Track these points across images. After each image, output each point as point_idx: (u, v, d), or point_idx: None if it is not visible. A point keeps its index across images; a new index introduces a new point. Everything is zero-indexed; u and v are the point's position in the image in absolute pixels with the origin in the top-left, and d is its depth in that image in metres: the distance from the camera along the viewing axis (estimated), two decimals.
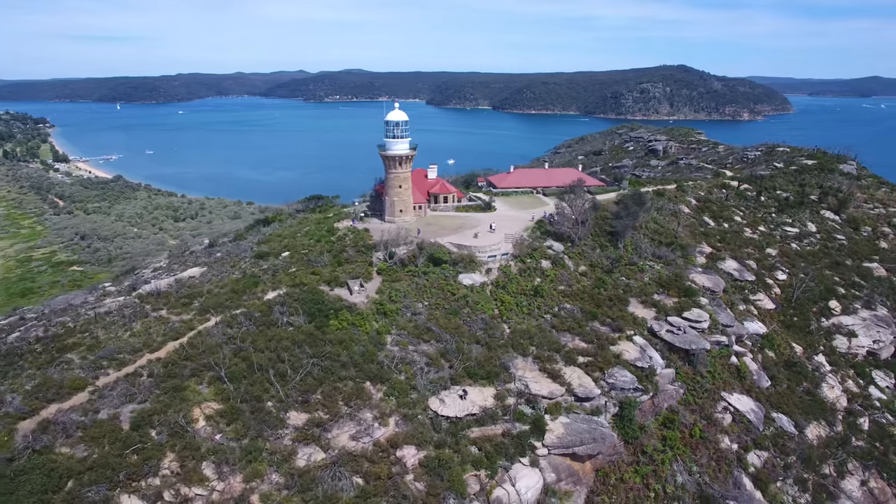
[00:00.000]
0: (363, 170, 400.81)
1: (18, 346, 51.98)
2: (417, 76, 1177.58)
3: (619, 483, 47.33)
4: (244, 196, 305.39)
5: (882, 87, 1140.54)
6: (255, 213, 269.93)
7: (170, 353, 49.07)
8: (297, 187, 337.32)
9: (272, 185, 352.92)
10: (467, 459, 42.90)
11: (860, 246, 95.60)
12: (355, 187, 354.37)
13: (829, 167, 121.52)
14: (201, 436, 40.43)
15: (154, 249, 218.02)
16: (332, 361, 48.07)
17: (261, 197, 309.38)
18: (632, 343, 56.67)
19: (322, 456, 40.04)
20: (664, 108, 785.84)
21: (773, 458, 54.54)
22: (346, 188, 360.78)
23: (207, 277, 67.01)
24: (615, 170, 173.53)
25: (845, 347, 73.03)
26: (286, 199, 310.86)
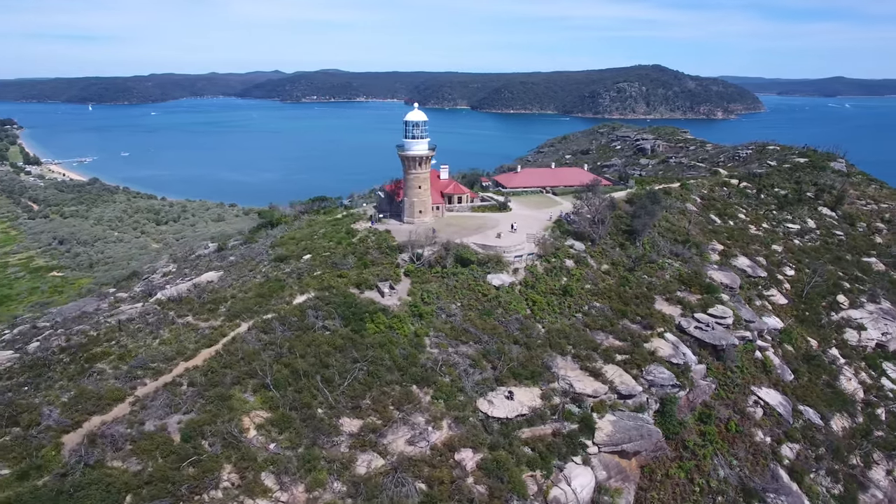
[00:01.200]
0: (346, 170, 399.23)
1: (43, 357, 50.21)
2: (395, 76, 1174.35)
3: (665, 479, 47.82)
4: (226, 198, 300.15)
5: (846, 88, 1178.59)
6: (240, 215, 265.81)
7: (207, 361, 47.84)
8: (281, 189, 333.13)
9: (255, 187, 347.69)
10: (522, 460, 42.83)
11: (858, 241, 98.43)
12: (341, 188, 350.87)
13: (820, 165, 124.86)
14: (255, 445, 39.49)
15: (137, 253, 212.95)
16: (377, 366, 47.47)
17: (244, 199, 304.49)
18: (664, 340, 57.33)
19: (381, 462, 39.47)
20: (641, 108, 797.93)
21: (805, 451, 55.78)
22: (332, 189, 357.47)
23: (227, 282, 65.62)
24: (604, 168, 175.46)
25: (856, 340, 75.04)
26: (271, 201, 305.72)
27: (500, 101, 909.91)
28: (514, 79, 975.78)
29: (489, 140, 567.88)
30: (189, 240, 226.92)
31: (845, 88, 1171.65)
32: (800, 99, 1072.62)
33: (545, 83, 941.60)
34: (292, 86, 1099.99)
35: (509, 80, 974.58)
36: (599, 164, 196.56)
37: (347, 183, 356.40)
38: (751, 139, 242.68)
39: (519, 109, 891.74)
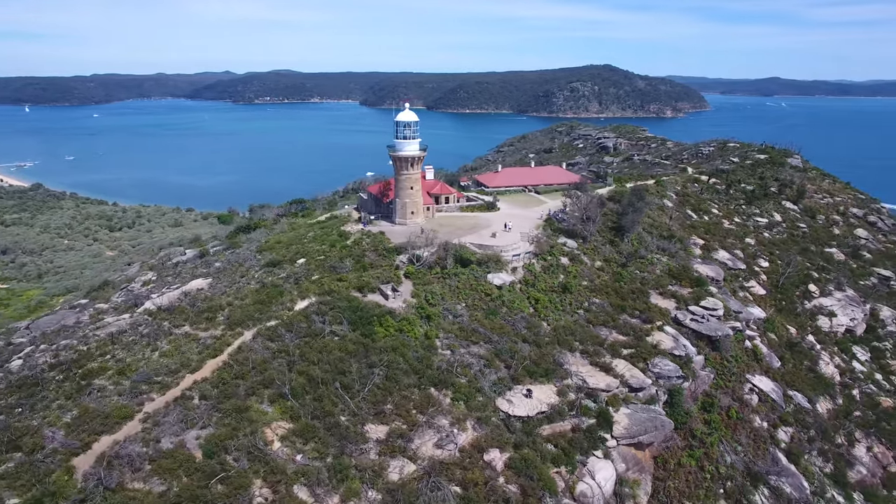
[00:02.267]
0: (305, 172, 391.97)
1: (32, 375, 47.22)
2: (349, 76, 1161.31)
3: (678, 467, 49.21)
4: (182, 202, 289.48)
5: (781, 88, 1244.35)
6: (198, 219, 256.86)
7: (216, 373, 46.09)
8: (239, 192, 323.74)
9: (212, 190, 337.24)
10: (547, 457, 43.18)
11: (819, 233, 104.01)
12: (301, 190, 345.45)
13: (778, 161, 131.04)
14: (281, 458, 38.29)
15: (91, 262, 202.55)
16: (394, 370, 46.86)
17: (201, 203, 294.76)
18: (664, 333, 58.96)
19: (413, 468, 38.99)
20: (594, 107, 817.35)
21: (798, 433, 58.55)
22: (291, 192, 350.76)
23: (219, 289, 63.39)
24: (569, 167, 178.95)
25: (828, 326, 79.29)
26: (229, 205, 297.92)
27: (456, 101, 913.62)
28: (470, 79, 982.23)
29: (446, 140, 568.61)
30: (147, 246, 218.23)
31: (780, 88, 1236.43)
32: (741, 98, 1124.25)
33: (500, 83, 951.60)
34: (244, 87, 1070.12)
35: (464, 80, 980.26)
36: (564, 163, 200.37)
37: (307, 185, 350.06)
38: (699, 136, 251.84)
39: (475, 109, 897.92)
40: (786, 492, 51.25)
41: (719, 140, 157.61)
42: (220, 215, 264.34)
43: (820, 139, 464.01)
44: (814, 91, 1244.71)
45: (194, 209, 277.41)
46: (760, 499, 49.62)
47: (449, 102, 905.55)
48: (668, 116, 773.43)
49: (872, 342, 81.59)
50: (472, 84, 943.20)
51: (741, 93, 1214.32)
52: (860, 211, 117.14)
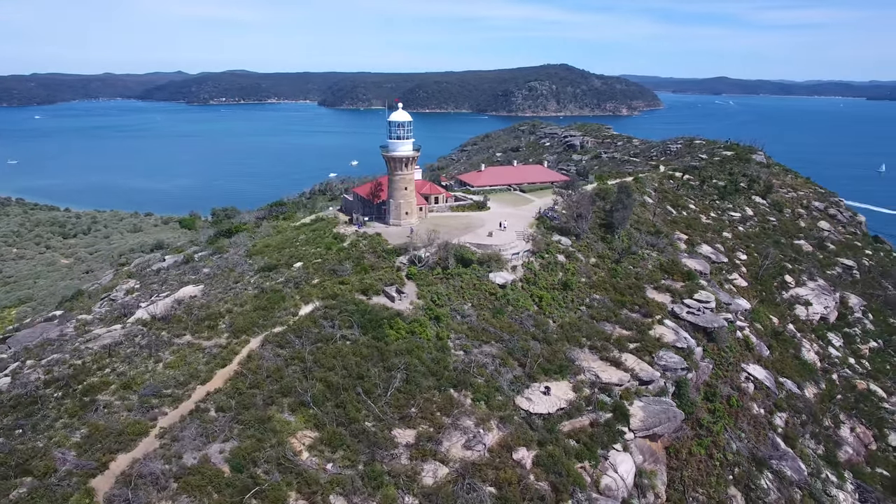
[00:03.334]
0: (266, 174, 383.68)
1: (26, 394, 44.55)
2: (306, 77, 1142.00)
3: (689, 456, 50.60)
4: (140, 207, 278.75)
5: (728, 87, 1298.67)
6: (158, 224, 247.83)
7: (229, 383, 44.56)
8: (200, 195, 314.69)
9: (171, 195, 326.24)
10: (570, 453, 43.63)
11: (787, 226, 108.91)
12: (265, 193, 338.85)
13: (744, 157, 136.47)
14: (312, 468, 37.33)
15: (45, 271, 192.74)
16: (413, 372, 46.39)
17: (159, 207, 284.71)
18: (664, 326, 60.49)
19: (445, 470, 38.69)
20: (552, 105, 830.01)
21: (791, 418, 61.10)
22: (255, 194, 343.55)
23: (214, 296, 61.34)
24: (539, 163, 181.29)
25: (805, 315, 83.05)
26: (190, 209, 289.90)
27: (416, 101, 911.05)
28: (429, 78, 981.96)
29: None
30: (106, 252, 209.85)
31: (728, 87, 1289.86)
32: (692, 96, 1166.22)
33: (459, 82, 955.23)
34: (198, 87, 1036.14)
35: (423, 80, 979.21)
36: (532, 161, 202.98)
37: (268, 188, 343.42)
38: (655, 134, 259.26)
39: (434, 109, 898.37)
40: (787, 475, 53.47)
41: (686, 137, 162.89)
42: (181, 219, 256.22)
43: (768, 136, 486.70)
44: (758, 90, 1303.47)
45: (153, 213, 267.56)
46: (766, 483, 51.59)
47: (408, 102, 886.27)
48: (624, 114, 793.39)
49: (844, 328, 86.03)
50: (431, 84, 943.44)
51: (692, 91, 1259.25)
52: (821, 204, 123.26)
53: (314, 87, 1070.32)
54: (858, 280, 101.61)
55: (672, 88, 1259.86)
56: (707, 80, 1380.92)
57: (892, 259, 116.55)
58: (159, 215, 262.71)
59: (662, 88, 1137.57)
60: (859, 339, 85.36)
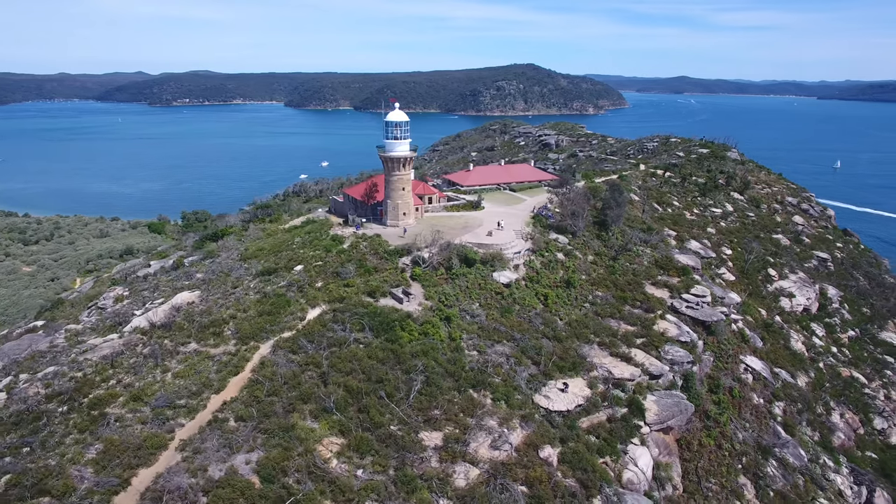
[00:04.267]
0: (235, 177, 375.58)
1: (27, 409, 42.53)
2: (272, 77, 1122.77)
3: (700, 448, 51.69)
4: (104, 211, 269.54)
5: (690, 86, 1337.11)
6: (126, 229, 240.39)
7: (246, 391, 43.39)
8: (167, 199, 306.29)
9: (136, 198, 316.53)
10: (592, 449, 44.05)
11: (765, 221, 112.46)
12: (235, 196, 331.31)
13: (720, 154, 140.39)
14: (343, 475, 36.64)
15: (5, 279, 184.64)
16: (432, 374, 46.04)
17: (125, 211, 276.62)
18: (666, 321, 61.64)
19: (476, 472, 38.52)
20: (519, 105, 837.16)
21: (788, 407, 63.09)
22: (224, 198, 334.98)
23: (213, 301, 59.64)
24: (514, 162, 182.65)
25: (789, 307, 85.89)
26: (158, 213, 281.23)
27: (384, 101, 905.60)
28: (396, 78, 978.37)
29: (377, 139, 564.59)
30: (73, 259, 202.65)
31: (689, 87, 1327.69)
32: (655, 95, 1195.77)
33: (427, 82, 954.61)
34: (161, 88, 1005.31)
35: (391, 79, 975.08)
36: (508, 160, 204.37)
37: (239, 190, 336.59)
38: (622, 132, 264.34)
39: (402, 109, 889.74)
40: (790, 462, 55.20)
41: (661, 136, 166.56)
42: (149, 223, 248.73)
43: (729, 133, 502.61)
44: (717, 89, 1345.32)
45: (120, 218, 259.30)
46: (772, 470, 53.14)
47: (376, 103, 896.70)
48: (591, 113, 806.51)
49: (825, 319, 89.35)
50: (399, 84, 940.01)
51: (655, 90, 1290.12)
52: (794, 199, 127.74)
53: (280, 87, 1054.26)
54: (833, 272, 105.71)
55: (636, 88, 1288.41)
56: (669, 80, 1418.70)
57: (861, 251, 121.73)
58: (126, 220, 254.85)
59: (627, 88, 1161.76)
60: (839, 328, 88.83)
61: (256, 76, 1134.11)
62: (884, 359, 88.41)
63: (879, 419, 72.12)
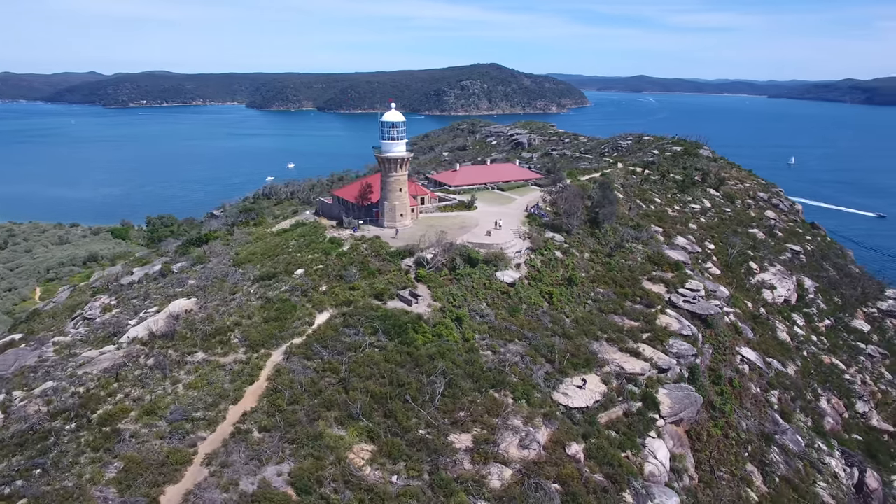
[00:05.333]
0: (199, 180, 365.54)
1: (31, 428, 40.36)
2: (233, 78, 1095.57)
3: (709, 438, 53.03)
4: (63, 217, 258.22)
5: (649, 85, 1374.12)
6: (87, 235, 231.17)
7: (265, 401, 42.21)
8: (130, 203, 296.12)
9: (96, 203, 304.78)
10: (614, 444, 44.64)
11: (741, 216, 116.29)
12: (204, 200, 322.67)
13: (693, 152, 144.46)
14: (378, 482, 36.04)
15: None
16: (452, 376, 45.77)
17: (84, 217, 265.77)
18: (668, 316, 63.02)
19: (509, 472, 38.50)
20: (484, 104, 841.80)
21: (783, 395, 65.38)
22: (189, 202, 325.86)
23: (213, 308, 57.88)
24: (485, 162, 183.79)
25: (771, 298, 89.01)
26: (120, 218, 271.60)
27: (348, 102, 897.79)
28: (360, 79, 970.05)
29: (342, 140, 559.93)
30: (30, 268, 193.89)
31: (648, 85, 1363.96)
32: (616, 94, 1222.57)
33: (391, 82, 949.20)
34: (116, 89, 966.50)
35: (354, 80, 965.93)
36: (480, 159, 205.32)
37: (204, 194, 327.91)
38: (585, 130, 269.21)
39: (367, 109, 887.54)
40: (790, 448, 57.24)
41: (635, 134, 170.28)
42: (112, 229, 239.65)
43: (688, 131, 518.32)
44: (675, 88, 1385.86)
45: (80, 224, 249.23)
46: (775, 457, 55.00)
47: (340, 103, 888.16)
48: (554, 112, 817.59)
49: (803, 309, 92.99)
50: (363, 84, 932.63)
51: (615, 89, 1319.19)
52: (765, 194, 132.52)
53: (241, 88, 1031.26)
54: (805, 264, 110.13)
55: (597, 86, 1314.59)
56: (629, 79, 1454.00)
57: (828, 243, 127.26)
58: (87, 225, 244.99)
59: (588, 86, 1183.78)
60: (816, 317, 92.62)
61: (216, 77, 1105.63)
62: (856, 345, 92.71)
63: (861, 403, 75.53)
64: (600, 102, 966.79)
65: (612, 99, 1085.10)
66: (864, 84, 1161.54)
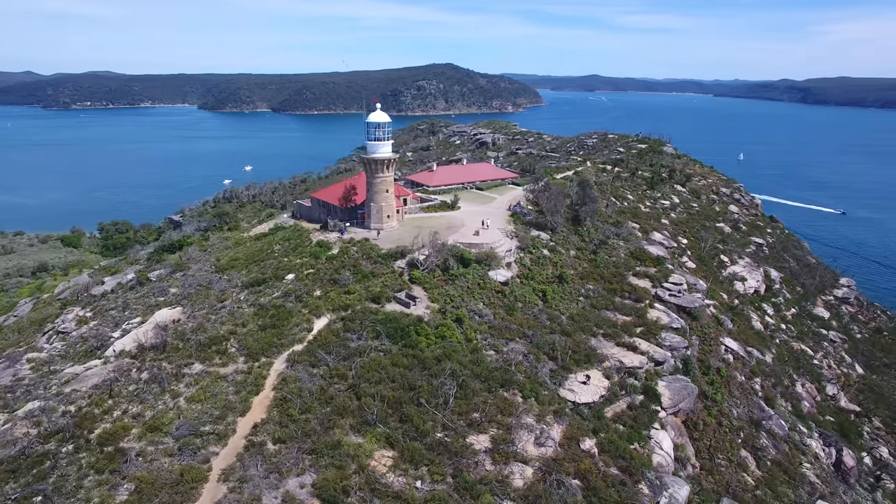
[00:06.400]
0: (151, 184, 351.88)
1: (22, 452, 37.90)
2: (183, 79, 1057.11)
3: (705, 427, 54.73)
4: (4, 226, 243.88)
5: (601, 84, 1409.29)
6: (35, 244, 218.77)
7: (275, 411, 40.98)
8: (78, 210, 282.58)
9: (41, 210, 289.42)
10: (622, 437, 45.44)
11: (707, 211, 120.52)
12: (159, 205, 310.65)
13: (657, 149, 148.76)
14: (404, 489, 35.51)
15: None
16: (462, 377, 45.58)
17: (30, 225, 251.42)
18: (656, 310, 64.65)
19: (531, 470, 38.63)
20: (441, 104, 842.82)
21: (764, 382, 68.14)
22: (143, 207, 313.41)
23: (202, 317, 55.89)
24: (451, 162, 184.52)
25: (743, 289, 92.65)
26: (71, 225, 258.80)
27: (303, 103, 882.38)
28: (314, 79, 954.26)
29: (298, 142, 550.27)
30: None
31: (601, 84, 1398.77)
32: (569, 93, 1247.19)
33: (346, 83, 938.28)
34: (56, 90, 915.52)
35: (309, 80, 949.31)
36: (446, 159, 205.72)
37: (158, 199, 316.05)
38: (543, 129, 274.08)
39: (323, 110, 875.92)
40: (777, 432, 59.74)
41: (599, 132, 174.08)
42: (62, 237, 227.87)
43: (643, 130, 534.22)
44: (626, 87, 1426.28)
45: (25, 232, 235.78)
46: (764, 442, 57.29)
47: (295, 104, 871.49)
48: (510, 111, 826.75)
49: (772, 299, 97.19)
50: (318, 85, 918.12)
51: (568, 88, 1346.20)
52: (727, 190, 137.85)
53: (192, 89, 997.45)
54: (768, 255, 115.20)
55: (550, 86, 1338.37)
56: (581, 78, 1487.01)
57: (787, 236, 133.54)
58: (33, 234, 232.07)
59: (542, 86, 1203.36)
60: (784, 307, 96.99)
61: (165, 77, 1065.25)
62: (819, 332, 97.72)
63: (830, 386, 79.60)
64: (555, 102, 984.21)
65: (566, 98, 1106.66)
66: (799, 84, 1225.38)
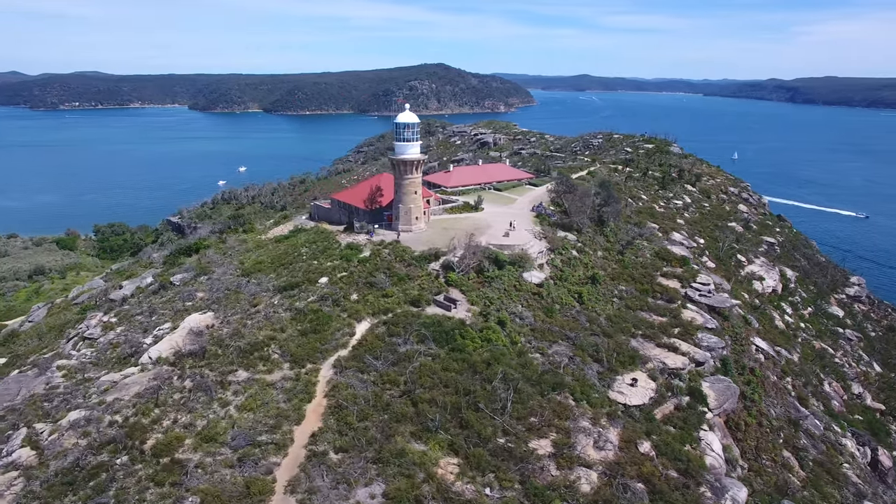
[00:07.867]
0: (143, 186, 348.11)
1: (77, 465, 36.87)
2: (173, 79, 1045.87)
3: (747, 428, 54.60)
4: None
5: (592, 84, 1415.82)
6: (29, 246, 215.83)
7: (332, 419, 40.13)
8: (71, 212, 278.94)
9: (33, 213, 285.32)
10: (676, 439, 45.15)
11: (719, 210, 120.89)
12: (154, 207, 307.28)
13: (663, 149, 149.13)
14: (475, 497, 34.86)
15: None
16: (515, 381, 45.04)
17: (23, 228, 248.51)
18: (689, 310, 64.52)
19: (596, 475, 38.17)
20: (433, 104, 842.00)
21: (795, 381, 68.25)
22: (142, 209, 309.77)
23: (237, 322, 54.80)
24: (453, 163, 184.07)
25: (761, 289, 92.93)
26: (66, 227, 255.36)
27: (295, 103, 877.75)
28: (306, 80, 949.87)
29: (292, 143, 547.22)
30: None
31: (591, 84, 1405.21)
32: (560, 93, 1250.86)
33: (338, 83, 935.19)
34: (43, 90, 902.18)
35: (300, 81, 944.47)
36: (447, 160, 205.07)
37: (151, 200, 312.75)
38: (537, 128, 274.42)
39: (315, 110, 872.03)
40: (813, 432, 59.78)
41: (605, 132, 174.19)
42: (57, 239, 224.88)
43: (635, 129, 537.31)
44: (616, 87, 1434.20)
45: (18, 235, 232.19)
46: (804, 442, 57.29)
47: (287, 105, 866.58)
48: (503, 111, 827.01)
49: (789, 298, 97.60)
50: (310, 85, 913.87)
51: (559, 88, 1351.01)
52: (735, 189, 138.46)
53: (182, 90, 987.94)
54: (780, 255, 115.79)
55: (541, 86, 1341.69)
56: (572, 78, 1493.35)
57: (795, 234, 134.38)
58: (27, 236, 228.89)
59: (532, 86, 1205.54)
60: (801, 305, 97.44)
61: (154, 78, 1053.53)
62: (836, 330, 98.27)
63: (855, 385, 80.00)
64: (546, 101, 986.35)
65: (557, 98, 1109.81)
66: (787, 84, 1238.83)
